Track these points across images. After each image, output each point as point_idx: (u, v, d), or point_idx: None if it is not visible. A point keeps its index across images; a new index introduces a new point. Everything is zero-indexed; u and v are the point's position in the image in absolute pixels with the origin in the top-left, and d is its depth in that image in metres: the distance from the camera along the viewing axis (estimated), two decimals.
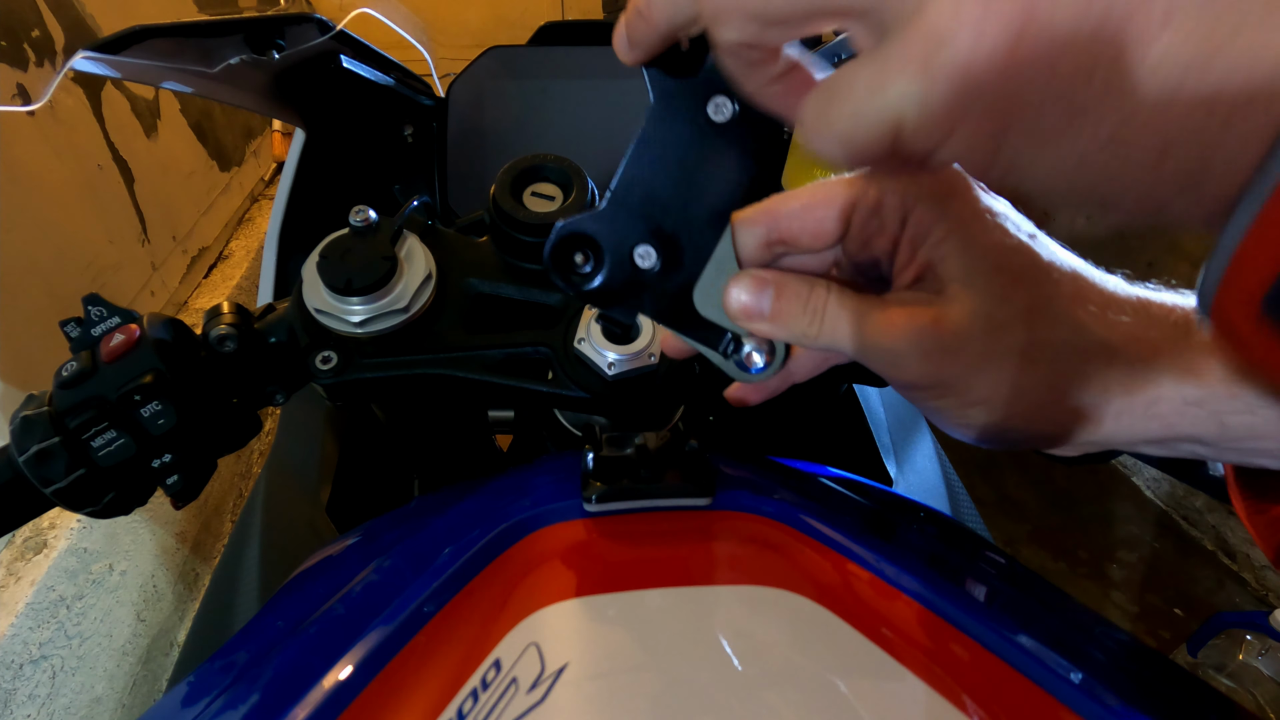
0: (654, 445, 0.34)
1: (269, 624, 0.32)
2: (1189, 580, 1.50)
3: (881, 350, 0.23)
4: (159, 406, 0.32)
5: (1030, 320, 0.22)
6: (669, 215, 0.24)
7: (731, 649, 0.25)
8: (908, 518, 0.38)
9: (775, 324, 0.24)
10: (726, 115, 0.22)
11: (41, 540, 1.08)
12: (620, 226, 0.24)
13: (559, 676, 0.23)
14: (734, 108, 0.22)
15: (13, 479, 0.32)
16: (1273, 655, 1.11)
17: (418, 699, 0.24)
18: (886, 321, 0.22)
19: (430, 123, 0.77)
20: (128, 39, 0.48)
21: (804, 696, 0.23)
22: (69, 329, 0.34)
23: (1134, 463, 1.73)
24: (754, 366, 0.25)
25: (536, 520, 0.31)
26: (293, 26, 0.59)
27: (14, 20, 1.36)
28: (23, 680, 0.97)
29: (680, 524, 0.31)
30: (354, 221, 0.38)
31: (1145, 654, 0.30)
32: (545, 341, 0.39)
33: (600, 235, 0.24)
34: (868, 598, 0.28)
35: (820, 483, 0.37)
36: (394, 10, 0.75)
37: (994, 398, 0.22)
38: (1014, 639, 0.25)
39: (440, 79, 0.88)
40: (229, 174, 2.25)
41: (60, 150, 1.43)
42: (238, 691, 0.27)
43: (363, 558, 0.34)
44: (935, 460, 0.68)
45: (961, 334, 0.22)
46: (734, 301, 0.24)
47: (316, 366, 0.37)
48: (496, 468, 0.49)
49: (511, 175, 0.41)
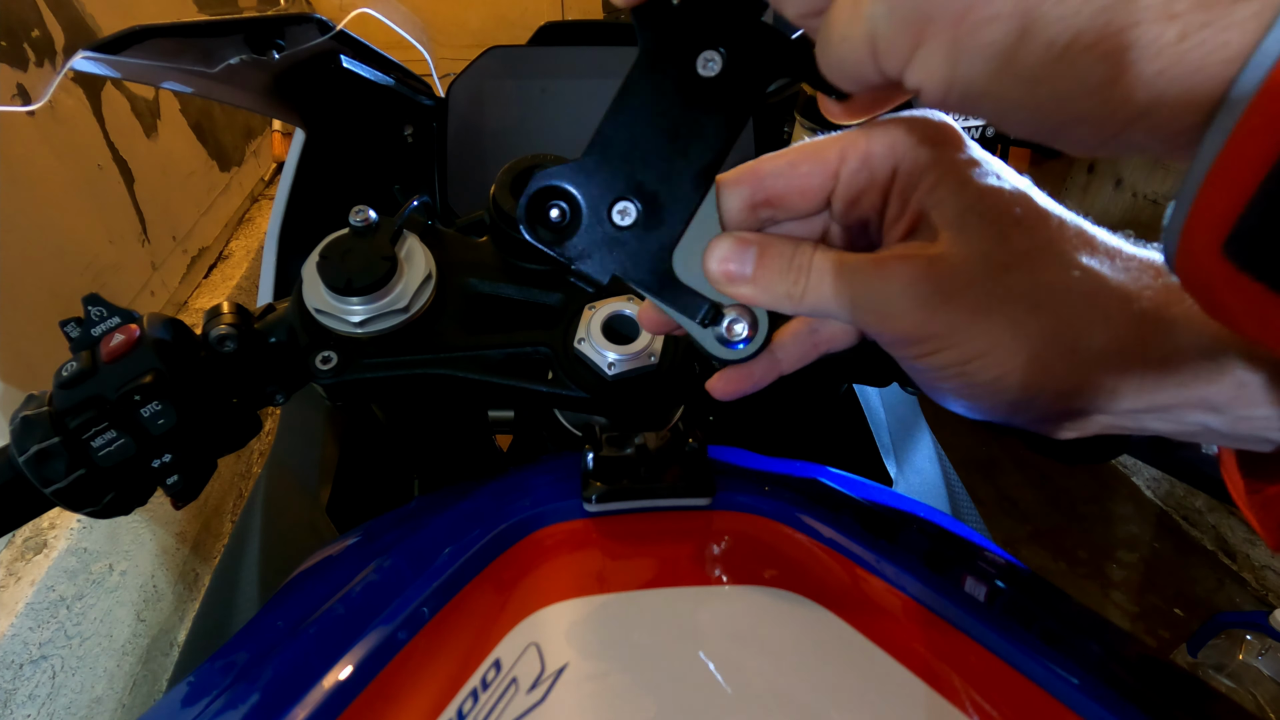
0: (654, 445, 0.34)
1: (269, 624, 0.32)
2: (1189, 580, 1.50)
3: (873, 302, 0.21)
4: (159, 406, 0.32)
5: (1033, 262, 0.20)
6: (651, 172, 0.23)
7: (731, 649, 0.25)
8: (908, 518, 0.38)
9: (758, 287, 0.23)
10: (715, 70, 0.22)
11: (41, 540, 1.08)
12: (599, 180, 0.23)
13: (559, 676, 0.23)
14: (723, 63, 0.22)
15: (13, 479, 0.32)
16: (1273, 655, 1.11)
17: (418, 699, 0.24)
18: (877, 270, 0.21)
19: (430, 123, 0.77)
20: (128, 39, 0.48)
21: (803, 696, 0.23)
22: (69, 329, 0.34)
23: (1134, 463, 1.73)
24: (734, 339, 0.24)
25: (536, 520, 0.31)
26: (293, 26, 0.59)
27: (14, 20, 1.36)
28: (23, 680, 0.97)
29: (680, 524, 0.31)
30: (354, 221, 0.38)
31: (1145, 654, 0.30)
32: (545, 341, 0.39)
33: (578, 187, 0.23)
34: (868, 598, 0.28)
35: (820, 483, 0.37)
36: (394, 10, 0.75)
37: (996, 348, 0.20)
38: (1014, 639, 0.25)
39: (440, 79, 0.88)
40: (229, 174, 2.25)
41: (60, 150, 1.43)
42: (238, 691, 0.27)
43: (363, 558, 0.34)
44: (935, 460, 0.68)
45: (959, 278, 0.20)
46: (714, 263, 0.23)
47: (316, 366, 0.37)
48: (496, 468, 0.49)
49: (511, 175, 0.41)
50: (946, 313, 0.20)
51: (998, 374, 0.21)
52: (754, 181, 0.24)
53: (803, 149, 0.23)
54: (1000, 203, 0.21)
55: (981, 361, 0.21)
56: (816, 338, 0.27)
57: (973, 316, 0.20)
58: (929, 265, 0.20)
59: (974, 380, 0.21)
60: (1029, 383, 0.21)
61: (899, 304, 0.21)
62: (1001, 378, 0.21)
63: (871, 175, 0.23)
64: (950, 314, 0.20)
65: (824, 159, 0.23)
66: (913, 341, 0.22)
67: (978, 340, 0.21)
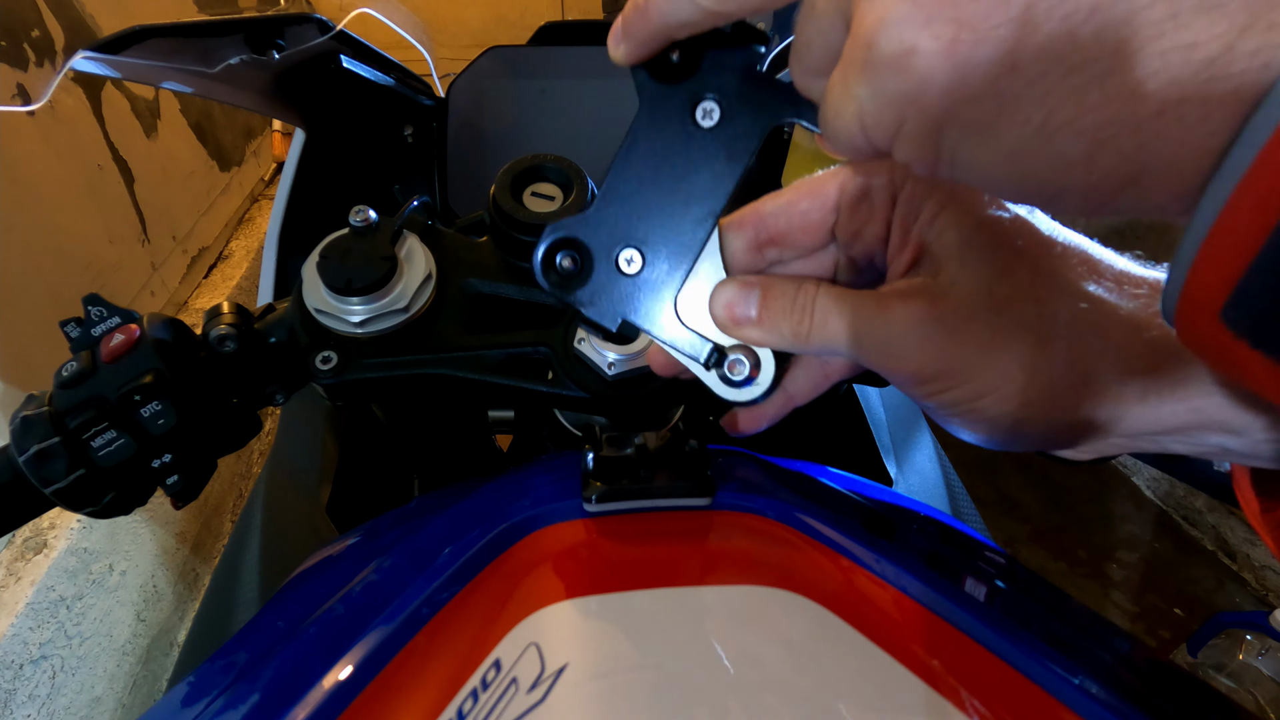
0: (654, 445, 0.34)
1: (269, 624, 0.32)
2: (1189, 580, 1.50)
3: (878, 341, 0.21)
4: (159, 406, 0.32)
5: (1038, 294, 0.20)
6: (656, 220, 0.24)
7: (731, 649, 0.25)
8: (908, 518, 0.38)
9: (763, 328, 0.23)
10: (714, 120, 0.22)
11: (41, 540, 1.08)
12: (606, 230, 0.24)
13: (559, 676, 0.23)
14: (721, 113, 0.22)
15: (13, 479, 0.32)
16: (1273, 655, 1.11)
17: (418, 699, 0.24)
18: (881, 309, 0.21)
19: (430, 123, 0.77)
20: (128, 39, 0.48)
21: (804, 697, 0.23)
22: (69, 329, 0.34)
23: (1134, 463, 1.73)
24: (739, 378, 0.25)
25: (536, 520, 0.31)
26: (293, 26, 0.59)
27: (14, 20, 1.36)
28: (23, 680, 0.97)
29: (680, 524, 0.31)
30: (354, 221, 0.38)
31: (1145, 654, 0.30)
32: (545, 341, 0.39)
33: (587, 237, 0.24)
34: (868, 598, 0.28)
35: (820, 483, 0.37)
36: (394, 10, 0.75)
37: (1006, 383, 0.20)
38: (1014, 639, 0.25)
39: (440, 79, 0.88)
40: (229, 174, 2.25)
41: (60, 150, 1.43)
42: (238, 691, 0.27)
43: (363, 557, 0.34)
44: (935, 460, 0.68)
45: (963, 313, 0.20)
46: (719, 307, 0.23)
47: (316, 366, 0.37)
48: (496, 468, 0.49)
49: (511, 175, 0.41)
50: (953, 350, 0.20)
51: (1009, 409, 0.21)
52: (756, 222, 0.24)
53: (801, 186, 0.24)
54: (1001, 233, 0.21)
55: (992, 397, 0.21)
56: (828, 369, 0.27)
57: (980, 353, 0.20)
58: (931, 304, 0.20)
59: (985, 415, 0.21)
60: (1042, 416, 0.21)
61: (904, 344, 0.21)
62: (1013, 412, 0.21)
63: (871, 207, 0.23)
64: (957, 351, 0.20)
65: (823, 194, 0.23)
66: (921, 380, 0.21)
67: (987, 377, 0.20)
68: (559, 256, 0.24)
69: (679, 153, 0.23)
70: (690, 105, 0.22)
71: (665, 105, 0.22)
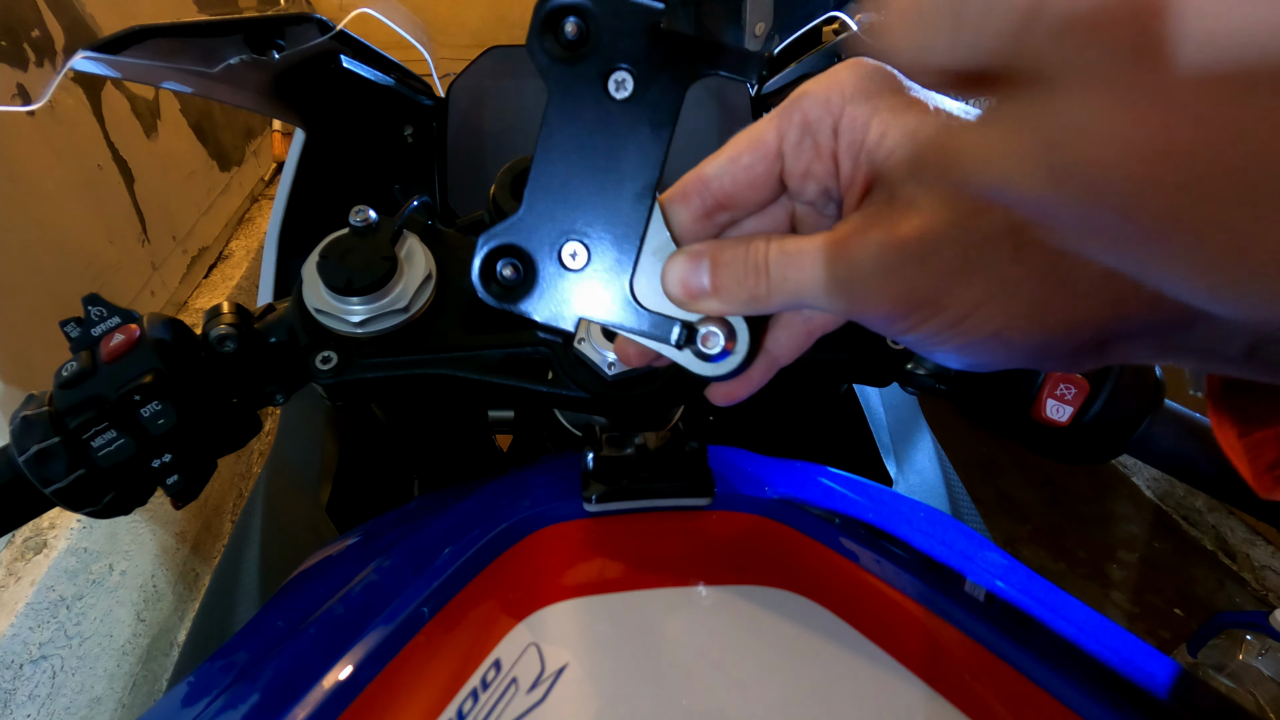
0: (654, 445, 0.34)
1: (269, 624, 0.32)
2: (1189, 580, 1.50)
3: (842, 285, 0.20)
4: (159, 406, 0.32)
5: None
6: (590, 207, 0.23)
7: (731, 649, 0.25)
8: (907, 518, 0.38)
9: (721, 297, 0.22)
10: (629, 90, 0.21)
11: (41, 540, 1.08)
12: (542, 229, 0.23)
13: (559, 676, 0.23)
14: (634, 80, 0.21)
15: (13, 479, 0.32)
16: (1273, 655, 1.11)
17: (418, 699, 0.24)
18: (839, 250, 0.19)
19: (430, 123, 0.77)
20: (128, 39, 0.48)
21: (804, 696, 0.23)
22: (69, 329, 0.34)
23: (1134, 463, 1.73)
24: (714, 352, 0.23)
25: (536, 520, 0.31)
26: (293, 26, 0.59)
27: (14, 20, 1.36)
28: (23, 680, 0.97)
29: (680, 524, 0.31)
30: (354, 221, 0.38)
31: (1145, 654, 0.30)
32: (545, 341, 0.39)
33: (524, 242, 0.23)
34: (868, 597, 0.28)
35: (820, 483, 0.37)
36: (394, 10, 0.75)
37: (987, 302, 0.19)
38: (1014, 639, 0.25)
39: (440, 79, 0.88)
40: (229, 174, 2.25)
41: (60, 150, 1.43)
42: (238, 691, 0.27)
43: (363, 558, 0.34)
44: (935, 460, 0.68)
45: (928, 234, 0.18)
46: (672, 283, 0.22)
47: (316, 366, 0.37)
48: (496, 468, 0.49)
49: (511, 175, 0.41)
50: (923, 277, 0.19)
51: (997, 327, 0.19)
52: (700, 188, 0.22)
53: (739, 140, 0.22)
54: None
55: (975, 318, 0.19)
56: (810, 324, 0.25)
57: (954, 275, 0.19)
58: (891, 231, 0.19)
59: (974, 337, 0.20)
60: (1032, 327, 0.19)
61: (870, 283, 0.19)
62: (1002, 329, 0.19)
63: (815, 143, 0.21)
64: (928, 279, 0.19)
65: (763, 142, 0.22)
66: (897, 317, 0.20)
67: (965, 298, 0.19)
68: (499, 266, 0.23)
69: (599, 131, 0.22)
70: (600, 79, 0.21)
71: (575, 85, 0.21)
